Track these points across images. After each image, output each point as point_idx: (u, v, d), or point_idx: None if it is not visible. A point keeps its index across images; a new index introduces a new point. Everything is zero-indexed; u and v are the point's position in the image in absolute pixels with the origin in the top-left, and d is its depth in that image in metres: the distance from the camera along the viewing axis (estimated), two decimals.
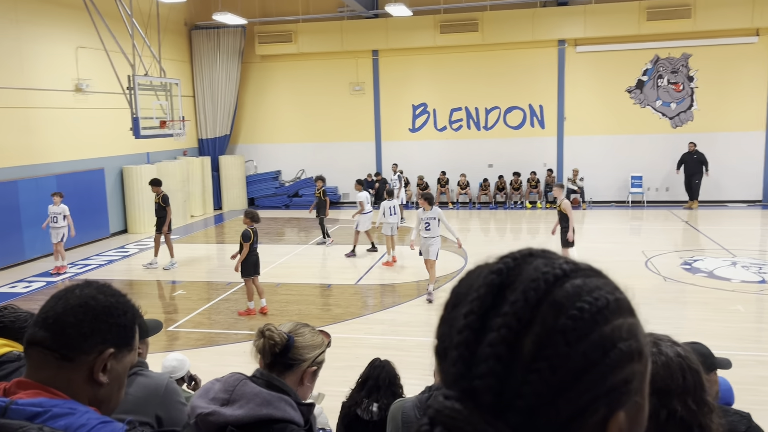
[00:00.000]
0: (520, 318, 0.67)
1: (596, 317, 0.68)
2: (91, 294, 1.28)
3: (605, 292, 0.71)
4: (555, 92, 19.78)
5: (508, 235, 16.77)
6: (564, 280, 0.70)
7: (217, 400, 1.79)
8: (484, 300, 0.69)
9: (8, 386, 1.19)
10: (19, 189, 13.27)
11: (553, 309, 0.68)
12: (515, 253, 0.76)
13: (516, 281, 0.70)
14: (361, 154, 21.03)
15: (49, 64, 14.37)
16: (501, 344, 0.66)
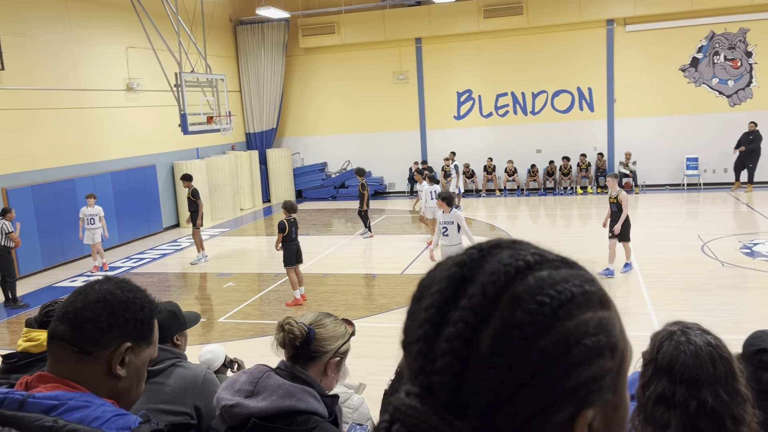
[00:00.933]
0: (476, 312, 0.64)
1: (557, 311, 0.64)
2: (110, 289, 1.31)
3: (571, 285, 0.67)
4: (604, 74, 19.23)
5: (559, 222, 16.46)
6: (527, 273, 0.67)
7: (242, 392, 1.81)
8: (444, 293, 0.67)
9: (30, 380, 1.22)
10: (76, 187, 13.78)
11: (512, 303, 0.64)
12: (482, 244, 0.72)
13: (478, 274, 0.67)
14: (406, 144, 20.98)
15: (101, 65, 14.83)
16: (457, 339, 0.63)
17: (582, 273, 0.71)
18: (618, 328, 0.69)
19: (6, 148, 12.39)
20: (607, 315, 0.69)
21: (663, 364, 1.54)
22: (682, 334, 1.56)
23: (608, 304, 0.70)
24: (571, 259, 0.73)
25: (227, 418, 1.79)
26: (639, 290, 9.60)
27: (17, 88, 12.63)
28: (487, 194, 20.07)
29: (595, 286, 0.70)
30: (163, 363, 2.78)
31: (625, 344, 0.71)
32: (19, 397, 1.15)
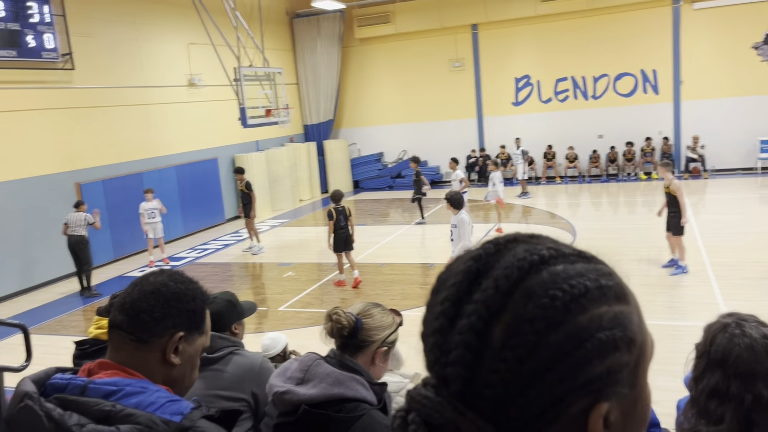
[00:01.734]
0: (489, 306, 0.65)
1: (570, 306, 0.64)
2: (163, 281, 1.37)
3: (586, 279, 0.66)
4: (670, 55, 18.49)
5: (622, 209, 16.00)
6: (541, 267, 0.67)
7: (293, 379, 1.86)
8: (459, 286, 0.68)
9: (92, 366, 1.30)
10: (143, 181, 14.32)
11: (524, 297, 0.64)
12: (499, 238, 0.73)
13: (493, 268, 0.67)
14: (463, 132, 20.79)
15: (165, 62, 15.33)
16: (470, 332, 0.64)
17: (599, 267, 0.70)
18: (636, 322, 0.69)
19: (78, 144, 12.99)
20: (624, 309, 0.68)
21: (716, 357, 1.49)
22: (736, 327, 1.51)
23: (626, 298, 0.70)
24: (589, 253, 0.72)
25: (279, 405, 1.85)
26: (707, 279, 9.24)
27: (87, 87, 13.21)
28: (547, 182, 19.69)
29: (612, 280, 0.69)
30: (221, 351, 2.88)
31: (644, 338, 0.70)
32: (81, 383, 1.22)
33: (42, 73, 12.21)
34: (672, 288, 9.15)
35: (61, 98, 12.65)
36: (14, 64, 11.57)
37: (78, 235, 10.85)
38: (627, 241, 11.81)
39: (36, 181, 12.03)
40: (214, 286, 11.23)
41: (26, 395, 1.18)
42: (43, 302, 11.06)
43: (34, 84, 12.08)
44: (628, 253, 10.97)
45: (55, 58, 12.24)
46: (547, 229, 13.41)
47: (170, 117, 15.44)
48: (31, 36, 11.74)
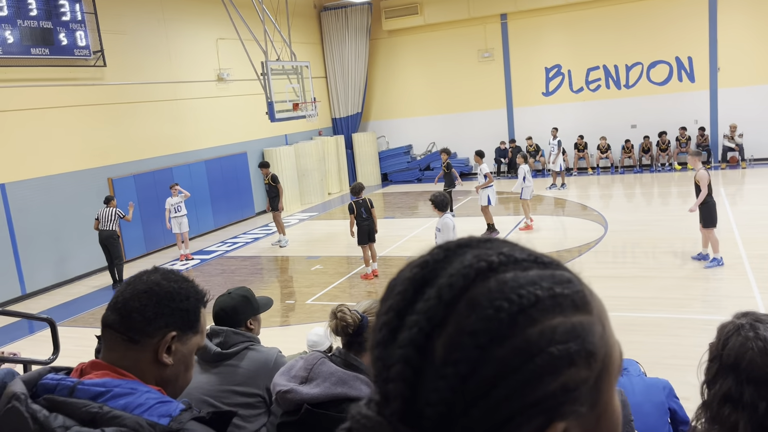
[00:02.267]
0: (430, 317, 0.59)
1: (517, 317, 0.58)
2: (156, 280, 1.35)
3: (537, 288, 0.60)
4: (706, 41, 17.96)
5: (656, 200, 15.65)
6: (489, 275, 0.61)
7: (297, 378, 1.83)
8: (404, 295, 0.62)
9: (85, 366, 1.29)
10: (174, 175, 14.50)
11: (468, 308, 0.59)
12: (450, 243, 0.67)
13: (439, 276, 0.62)
14: (492, 123, 20.57)
15: (194, 58, 15.48)
16: (410, 345, 0.59)
17: (556, 273, 0.63)
18: (598, 334, 0.62)
19: (110, 140, 13.22)
20: (583, 320, 0.61)
21: (729, 362, 1.40)
22: (750, 329, 1.41)
23: (587, 307, 0.63)
24: (547, 258, 0.65)
25: (282, 404, 1.82)
26: (744, 272, 8.97)
27: (118, 83, 13.41)
28: (578, 173, 19.38)
29: (570, 288, 0.62)
30: (236, 346, 2.88)
31: (609, 351, 0.63)
32: (69, 384, 1.21)
33: (74, 71, 12.43)
34: (707, 281, 8.91)
35: (93, 95, 12.88)
36: (47, 62, 11.81)
37: (109, 230, 11.04)
38: (661, 233, 11.54)
39: (69, 177, 12.28)
40: (242, 279, 11.36)
41: (14, 396, 1.17)
42: (77, 295, 11.30)
43: (66, 81, 12.31)
44: (662, 245, 10.72)
45: (86, 56, 12.45)
46: (578, 222, 13.20)
47: (199, 112, 15.60)
48: (64, 34, 11.96)
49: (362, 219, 10.30)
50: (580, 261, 10.38)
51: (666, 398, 3.72)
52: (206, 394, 2.80)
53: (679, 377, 5.41)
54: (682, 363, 6.25)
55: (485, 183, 12.28)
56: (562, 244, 11.63)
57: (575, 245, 11.32)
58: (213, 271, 12.28)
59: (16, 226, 11.25)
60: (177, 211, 12.74)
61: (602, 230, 12.20)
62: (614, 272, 9.64)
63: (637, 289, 8.75)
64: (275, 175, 13.40)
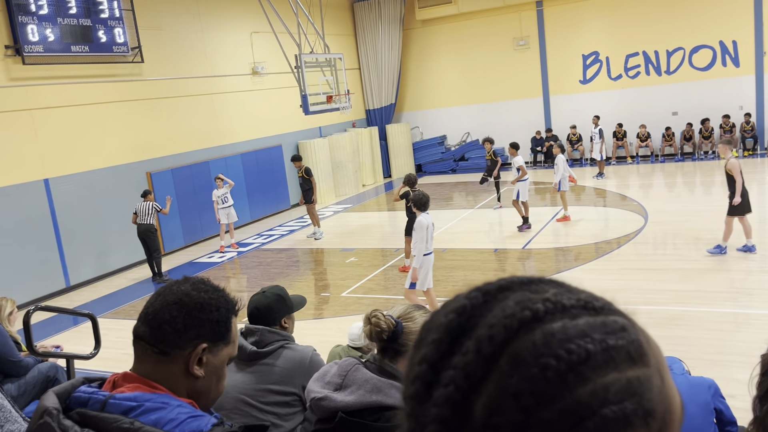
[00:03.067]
0: (469, 374, 0.54)
1: (566, 376, 0.52)
2: (186, 291, 1.33)
3: (589, 341, 0.54)
4: (751, 24, 17.33)
5: (698, 189, 15.23)
6: (534, 326, 0.54)
7: (331, 384, 1.81)
8: (439, 346, 0.57)
9: (117, 378, 1.28)
10: (210, 169, 14.68)
11: (511, 365, 0.53)
12: (490, 285, 0.60)
13: (478, 325, 0.56)
14: (528, 112, 20.27)
15: (229, 51, 15.60)
16: (446, 405, 0.54)
17: (609, 321, 0.56)
18: (656, 387, 0.55)
19: (148, 134, 13.43)
20: (640, 374, 0.55)
21: None
22: None
23: (643, 358, 0.56)
24: (598, 303, 0.58)
25: (316, 411, 1.80)
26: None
27: (155, 78, 13.61)
28: (617, 162, 18.97)
29: (624, 338, 0.56)
30: (271, 345, 2.88)
31: (668, 405, 0.56)
32: (101, 398, 1.20)
33: (113, 67, 12.65)
34: (751, 273, 8.63)
35: (131, 90, 13.09)
36: (87, 59, 12.04)
37: (146, 224, 11.21)
38: (703, 223, 11.22)
39: (109, 172, 12.53)
40: (278, 271, 11.45)
41: (46, 411, 1.17)
42: (118, 288, 11.55)
43: (105, 78, 12.54)
44: (705, 236, 10.42)
45: (125, 52, 12.65)
46: (618, 213, 12.92)
47: (235, 105, 15.74)
48: (102, 31, 12.17)
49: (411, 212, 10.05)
50: (620, 253, 10.16)
51: (712, 398, 3.60)
52: (243, 393, 2.81)
53: (725, 374, 5.25)
54: (727, 359, 6.07)
55: (519, 176, 12.06)
56: (602, 235, 11.40)
57: (614, 236, 11.09)
58: (249, 263, 12.41)
59: (60, 221, 11.54)
60: (224, 202, 12.93)
61: (642, 221, 11.92)
62: (654, 264, 9.41)
63: (678, 282, 8.52)
64: (308, 168, 13.45)
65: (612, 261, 9.81)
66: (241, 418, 2.71)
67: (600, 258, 10.02)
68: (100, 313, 9.73)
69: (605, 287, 2.42)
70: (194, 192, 14.23)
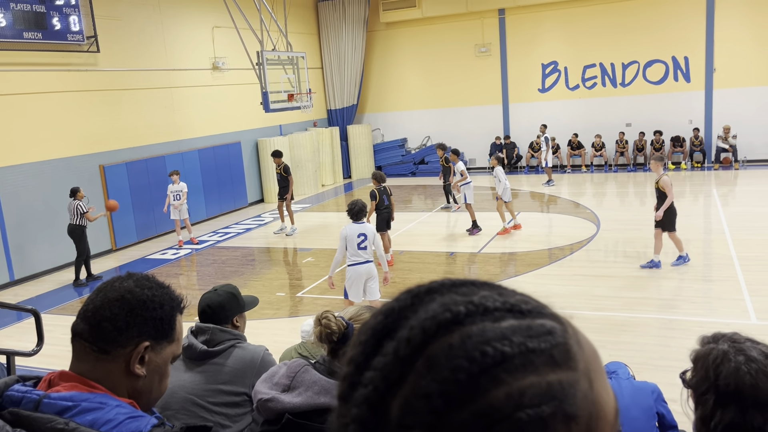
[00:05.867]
0: (386, 375, 0.54)
1: (479, 378, 0.52)
2: (129, 287, 1.29)
3: (507, 343, 0.53)
4: (702, 41, 17.95)
5: (649, 200, 15.64)
6: (453, 328, 0.54)
7: (279, 385, 1.79)
8: (365, 347, 0.57)
9: (53, 377, 1.23)
10: (167, 163, 14.40)
11: (426, 366, 0.53)
12: (421, 287, 0.60)
13: (401, 327, 0.56)
14: (487, 118, 20.53)
15: (189, 45, 15.34)
16: (364, 404, 0.54)
17: (534, 324, 0.56)
18: (582, 393, 0.54)
19: (102, 126, 13.09)
20: (562, 378, 0.53)
21: (728, 390, 1.35)
22: (737, 352, 1.38)
23: (569, 362, 0.55)
24: (529, 306, 0.58)
25: (263, 412, 1.78)
26: (734, 274, 8.98)
27: (111, 69, 13.27)
28: (572, 170, 19.37)
29: (548, 342, 0.54)
30: (222, 344, 2.84)
31: (596, 410, 0.55)
32: (35, 397, 1.16)
33: (67, 56, 12.29)
34: (697, 282, 8.93)
35: (86, 81, 12.74)
36: (40, 46, 11.66)
37: (74, 224, 10.65)
38: (653, 233, 11.52)
39: (61, 163, 12.16)
40: (233, 270, 11.30)
41: None
42: (65, 283, 11.21)
43: (59, 66, 12.17)
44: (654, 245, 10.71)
45: (80, 41, 12.30)
46: (571, 219, 13.18)
47: (194, 100, 15.48)
48: (57, 18, 11.81)
49: (384, 206, 10.44)
50: (572, 259, 10.37)
51: (654, 402, 3.71)
52: (191, 393, 2.76)
53: (668, 379, 5.41)
54: (671, 364, 6.26)
55: (461, 179, 12.54)
56: (555, 241, 11.62)
57: (567, 243, 11.32)
58: (204, 261, 12.22)
59: (5, 212, 11.14)
60: (176, 198, 12.69)
61: (594, 229, 12.20)
62: (605, 271, 9.64)
63: (627, 289, 8.75)
64: (287, 166, 13.43)
65: (564, 267, 10.01)
66: (189, 419, 2.66)
67: (553, 263, 10.21)
68: (46, 308, 9.43)
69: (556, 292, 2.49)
70: (149, 187, 13.93)
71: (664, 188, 9.15)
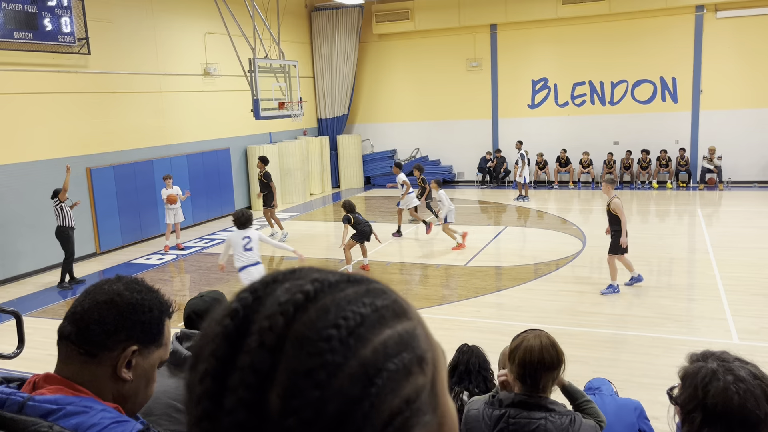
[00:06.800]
0: (258, 369, 0.53)
1: (348, 342, 0.54)
2: (118, 290, 1.28)
3: (360, 305, 0.57)
4: (690, 63, 18.21)
5: (635, 218, 15.78)
6: (308, 305, 0.56)
7: None
8: (218, 355, 0.55)
9: (38, 379, 1.22)
10: (154, 168, 14.32)
11: (296, 347, 0.54)
12: (255, 284, 0.61)
13: (254, 321, 0.56)
14: (477, 132, 20.65)
15: (181, 50, 15.31)
16: (240, 408, 0.53)
17: (371, 288, 0.61)
18: (422, 337, 0.60)
19: (90, 129, 13.00)
20: (407, 326, 0.59)
21: (716, 410, 1.36)
22: (727, 372, 1.39)
23: (406, 312, 0.61)
24: (359, 276, 0.63)
25: None
26: (717, 294, 9.07)
27: (102, 72, 13.21)
28: (560, 186, 19.50)
29: (387, 299, 0.60)
30: None
31: (434, 351, 0.62)
32: (20, 399, 1.14)
33: (57, 57, 12.22)
34: (680, 301, 9.00)
35: (76, 82, 12.67)
36: (30, 47, 11.59)
37: (59, 225, 10.53)
38: (638, 250, 11.63)
39: (47, 164, 12.05)
40: (218, 277, 11.23)
41: None
42: (48, 285, 11.08)
43: (49, 67, 12.10)
44: (638, 263, 10.80)
45: (71, 42, 12.25)
46: (558, 236, 13.26)
47: (184, 105, 15.44)
48: (48, 19, 11.75)
49: (363, 223, 10.80)
50: (558, 274, 10.42)
51: (637, 419, 3.73)
52: (175, 399, 2.73)
53: (650, 396, 5.43)
54: (653, 382, 6.29)
55: (405, 191, 13.52)
56: (541, 256, 11.67)
57: (553, 258, 11.37)
58: (189, 267, 12.13)
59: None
60: (171, 203, 12.70)
61: (581, 245, 12.27)
62: (590, 287, 9.69)
63: (611, 306, 8.80)
64: (268, 173, 13.38)
65: (550, 282, 10.05)
66: (171, 425, 2.63)
67: (539, 278, 10.24)
68: (26, 311, 9.31)
69: (542, 307, 2.50)
70: (136, 191, 13.84)
71: (616, 211, 9.09)
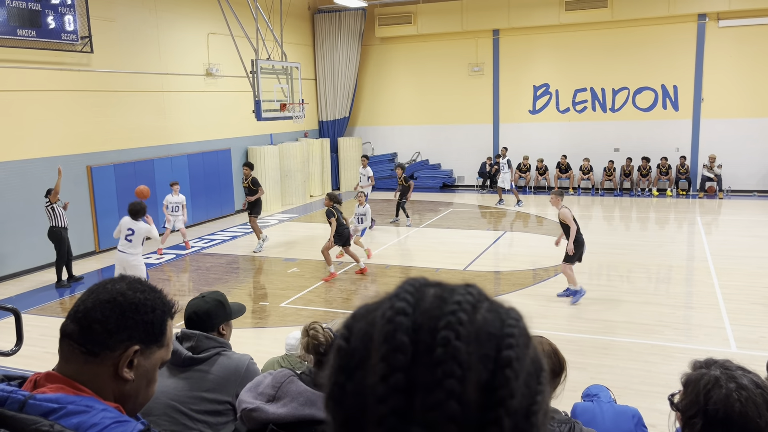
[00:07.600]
0: (461, 362, 0.56)
1: (521, 339, 0.63)
2: (121, 290, 1.28)
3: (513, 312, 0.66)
4: (692, 72, 18.24)
5: (634, 225, 15.79)
6: (478, 306, 0.63)
7: (264, 395, 1.77)
8: (404, 350, 0.56)
9: (39, 378, 1.22)
10: (155, 167, 14.33)
11: (489, 341, 0.59)
12: (408, 284, 0.64)
13: (429, 318, 0.59)
14: (477, 137, 20.67)
15: (183, 50, 15.32)
16: (450, 400, 0.54)
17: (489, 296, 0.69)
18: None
19: (92, 127, 13.01)
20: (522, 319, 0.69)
21: (718, 417, 1.36)
22: (729, 380, 1.40)
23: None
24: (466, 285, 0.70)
25: (247, 422, 1.76)
26: (716, 303, 9.07)
27: (104, 70, 13.22)
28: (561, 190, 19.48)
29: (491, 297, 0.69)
30: (207, 351, 2.81)
31: None
32: (20, 398, 1.14)
33: (60, 55, 12.23)
34: (679, 308, 9.00)
35: (78, 81, 12.67)
36: (33, 44, 11.60)
37: (51, 225, 10.51)
38: (638, 257, 11.65)
39: (47, 162, 12.05)
40: (217, 277, 11.22)
41: None
42: (47, 283, 11.07)
43: (51, 65, 12.11)
44: (638, 270, 10.82)
45: (74, 41, 12.26)
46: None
47: (186, 105, 15.44)
48: (52, 17, 11.77)
49: (343, 225, 10.71)
50: (556, 280, 10.42)
51: (635, 426, 3.72)
52: (174, 399, 2.73)
53: (648, 404, 5.43)
54: (651, 390, 6.29)
55: (368, 184, 14.81)
56: (539, 262, 11.67)
57: (552, 264, 11.37)
58: (187, 267, 12.12)
59: None
60: (175, 210, 12.71)
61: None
62: (589, 294, 9.68)
63: (610, 312, 8.80)
64: (256, 179, 13.09)
65: (548, 287, 10.04)
66: (170, 425, 2.64)
67: (537, 284, 10.24)
68: (24, 309, 9.30)
69: (540, 312, 2.51)
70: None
71: (566, 220, 9.13)
